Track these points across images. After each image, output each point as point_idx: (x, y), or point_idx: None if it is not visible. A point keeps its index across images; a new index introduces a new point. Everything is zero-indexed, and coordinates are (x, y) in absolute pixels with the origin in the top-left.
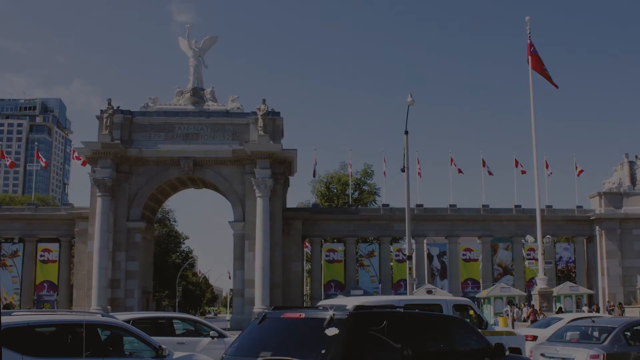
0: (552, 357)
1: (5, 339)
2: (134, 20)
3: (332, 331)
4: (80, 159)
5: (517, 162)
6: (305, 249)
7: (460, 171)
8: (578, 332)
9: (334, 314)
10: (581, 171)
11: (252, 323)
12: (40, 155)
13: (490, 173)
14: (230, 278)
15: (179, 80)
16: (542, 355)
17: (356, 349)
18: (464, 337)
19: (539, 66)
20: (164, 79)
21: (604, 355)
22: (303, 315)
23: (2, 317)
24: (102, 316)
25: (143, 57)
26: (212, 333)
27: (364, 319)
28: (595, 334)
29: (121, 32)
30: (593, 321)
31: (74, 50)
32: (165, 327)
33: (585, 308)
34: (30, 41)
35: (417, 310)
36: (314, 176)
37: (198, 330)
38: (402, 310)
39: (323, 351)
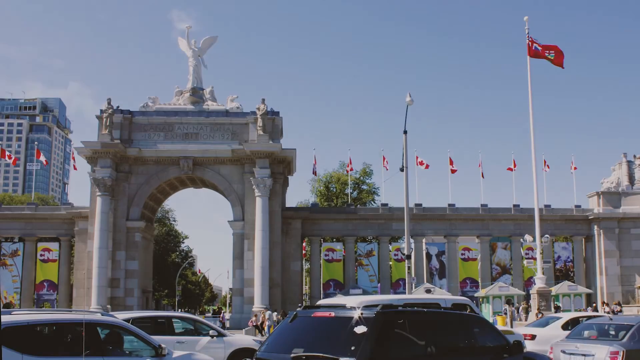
0: (573, 354)
1: (5, 338)
2: (134, 21)
3: (360, 329)
4: (78, 160)
5: (515, 163)
6: (304, 248)
7: (453, 171)
8: (596, 330)
9: (362, 313)
10: (575, 168)
11: (283, 321)
12: (41, 154)
13: (482, 176)
14: (228, 278)
15: (178, 80)
16: (563, 352)
17: (383, 346)
18: (484, 335)
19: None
20: (164, 79)
21: (623, 352)
22: (333, 314)
23: (2, 317)
24: (102, 315)
25: (143, 57)
26: (211, 332)
27: (390, 317)
28: (612, 331)
29: (121, 33)
30: (611, 319)
31: (74, 50)
32: (164, 326)
33: (590, 309)
34: (30, 42)
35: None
36: (314, 174)
37: (197, 330)
38: (425, 309)
39: (352, 348)
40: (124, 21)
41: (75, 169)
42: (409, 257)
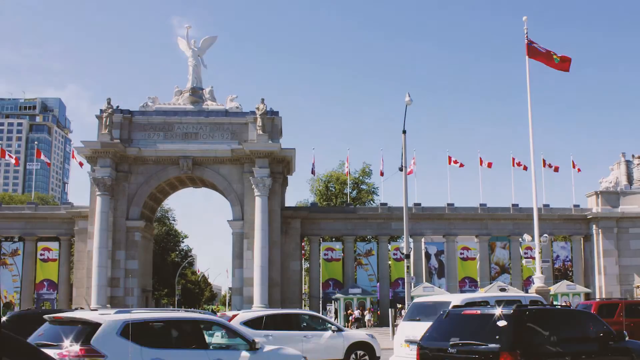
0: None
1: (128, 333)
2: (134, 21)
3: (502, 323)
4: (78, 159)
5: (513, 161)
6: (303, 248)
7: (461, 165)
8: None
9: (502, 311)
10: (578, 169)
11: (439, 317)
12: (42, 154)
13: (489, 165)
14: (228, 277)
15: (178, 80)
16: None
17: (519, 336)
18: (594, 326)
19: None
20: (163, 79)
21: None
22: (479, 312)
23: (123, 315)
24: (204, 314)
25: (142, 57)
26: (332, 327)
27: (523, 313)
28: None
29: (121, 33)
30: None
31: (74, 51)
32: (292, 323)
33: None
34: (31, 43)
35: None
36: (313, 174)
37: (319, 325)
38: (548, 306)
39: (497, 337)
40: (124, 22)
41: (81, 165)
42: (408, 256)
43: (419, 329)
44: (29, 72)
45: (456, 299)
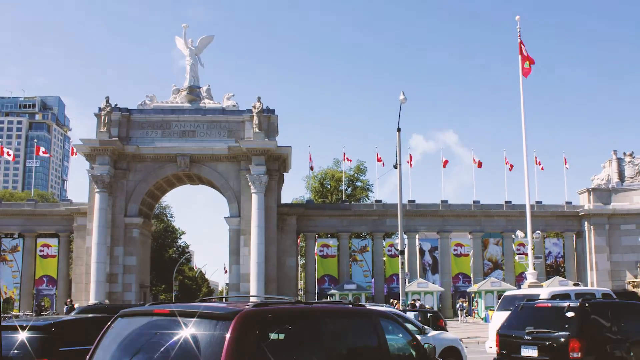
0: None
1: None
2: (133, 21)
3: (570, 314)
4: (77, 155)
5: (506, 159)
6: (299, 244)
7: (445, 164)
8: None
9: (569, 304)
10: (567, 166)
11: (514, 309)
12: (42, 149)
13: (479, 165)
14: (226, 272)
15: (175, 79)
16: None
17: (585, 325)
18: None
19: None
20: (161, 77)
21: None
22: (550, 304)
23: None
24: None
25: (140, 55)
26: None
27: (588, 305)
28: None
29: (119, 32)
30: None
31: (74, 49)
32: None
33: None
34: (31, 42)
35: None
36: (311, 169)
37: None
38: (609, 300)
39: (566, 326)
40: (122, 21)
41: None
42: (402, 252)
43: None
44: (28, 71)
45: (544, 292)
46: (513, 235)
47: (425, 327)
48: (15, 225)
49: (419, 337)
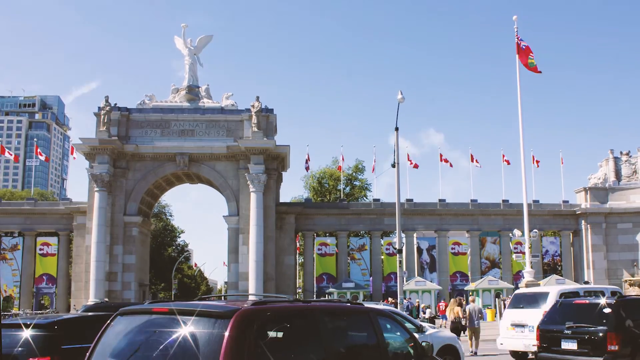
0: None
1: None
2: (132, 21)
3: (607, 310)
4: (77, 154)
5: (503, 157)
6: (297, 243)
7: (451, 165)
8: None
9: (606, 301)
10: (562, 163)
11: (553, 306)
12: (39, 151)
13: (477, 162)
14: (224, 265)
15: (174, 79)
16: None
17: (620, 320)
18: None
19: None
20: (161, 77)
21: None
22: (587, 301)
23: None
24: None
25: (140, 55)
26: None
27: (621, 302)
28: None
29: (118, 31)
30: None
31: (73, 49)
32: None
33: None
34: (30, 41)
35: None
36: (306, 170)
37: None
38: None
39: (604, 321)
40: (122, 21)
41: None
42: (400, 251)
43: (522, 315)
44: (28, 70)
45: (553, 290)
46: (510, 234)
47: (424, 324)
48: (15, 223)
49: (416, 335)
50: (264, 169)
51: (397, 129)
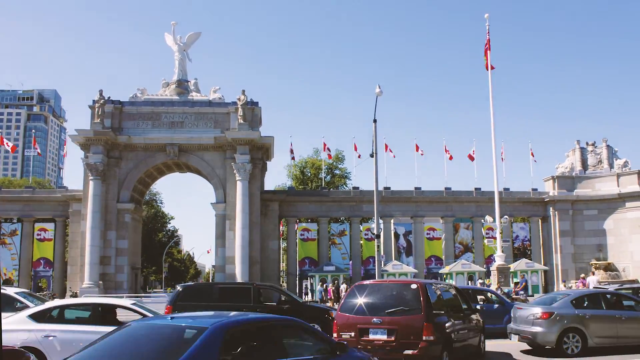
0: None
1: None
2: (125, 18)
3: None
4: (72, 145)
5: (474, 151)
6: (281, 228)
7: (422, 153)
8: None
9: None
10: (533, 155)
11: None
12: (36, 142)
13: (451, 157)
14: (208, 253)
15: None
16: None
17: None
18: None
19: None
20: (152, 71)
21: None
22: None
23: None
24: None
25: (132, 51)
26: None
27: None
28: None
29: (111, 28)
30: None
31: (70, 45)
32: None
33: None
34: (30, 39)
35: None
36: (293, 160)
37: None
38: None
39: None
40: (116, 19)
41: (73, 145)
42: (378, 236)
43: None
44: (27, 65)
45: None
46: (482, 220)
47: None
48: (14, 210)
49: None
50: (249, 159)
51: (375, 120)
